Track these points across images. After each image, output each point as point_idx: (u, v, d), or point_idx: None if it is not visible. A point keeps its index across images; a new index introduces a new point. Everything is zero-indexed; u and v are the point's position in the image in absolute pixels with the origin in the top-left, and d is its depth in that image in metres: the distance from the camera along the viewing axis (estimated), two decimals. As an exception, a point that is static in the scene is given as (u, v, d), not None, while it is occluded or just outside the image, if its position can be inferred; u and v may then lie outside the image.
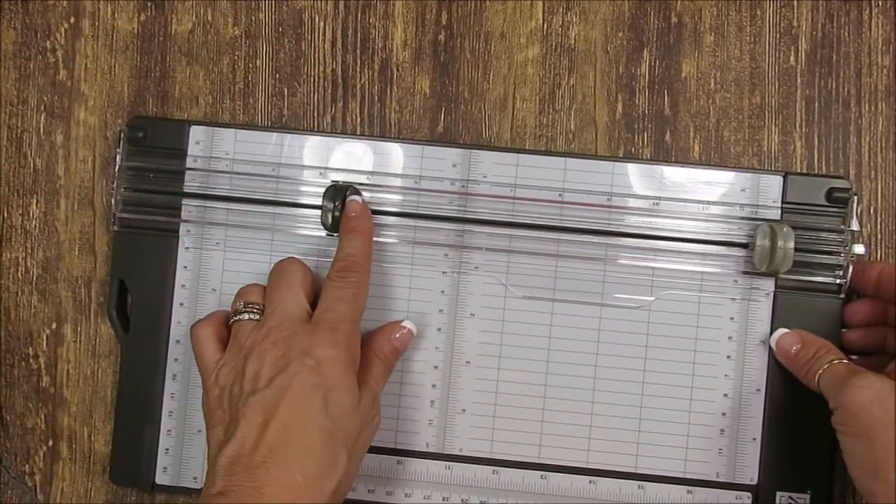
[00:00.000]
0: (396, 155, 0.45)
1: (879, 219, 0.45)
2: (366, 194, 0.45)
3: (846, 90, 0.45)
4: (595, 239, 0.44)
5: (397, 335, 0.43)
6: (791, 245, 0.41)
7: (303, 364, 0.37)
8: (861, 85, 0.45)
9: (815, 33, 0.45)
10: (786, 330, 0.43)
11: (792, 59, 0.45)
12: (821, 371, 0.40)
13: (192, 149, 0.45)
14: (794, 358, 0.42)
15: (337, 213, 0.42)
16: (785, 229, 0.42)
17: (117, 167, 0.45)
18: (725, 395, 0.44)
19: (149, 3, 0.47)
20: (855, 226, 0.43)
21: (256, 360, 0.38)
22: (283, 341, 0.38)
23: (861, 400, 0.37)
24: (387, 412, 0.44)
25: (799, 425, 0.43)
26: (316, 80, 0.46)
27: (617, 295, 0.44)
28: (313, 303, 0.41)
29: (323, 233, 0.44)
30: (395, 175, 0.45)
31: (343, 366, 0.38)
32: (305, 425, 0.36)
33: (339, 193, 0.43)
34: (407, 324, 0.43)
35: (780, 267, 0.42)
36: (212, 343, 0.40)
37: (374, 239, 0.44)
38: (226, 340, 0.41)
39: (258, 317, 0.40)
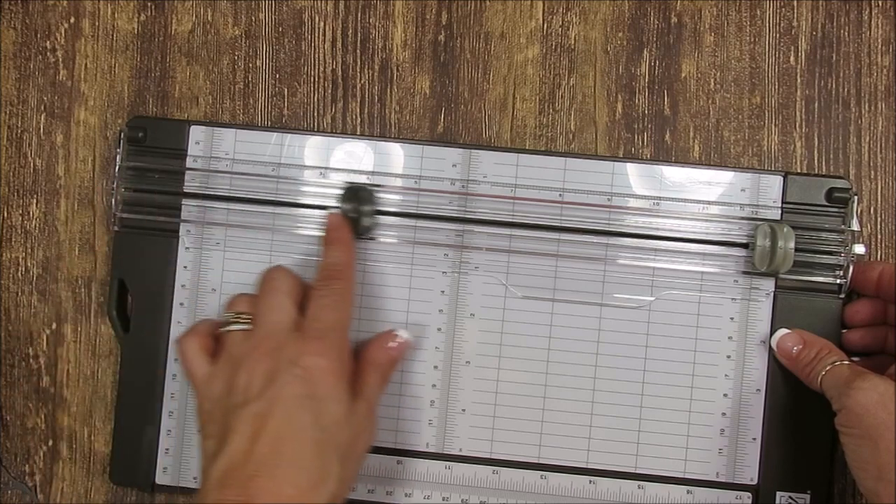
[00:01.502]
0: (396, 155, 0.45)
1: (879, 219, 0.45)
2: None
3: (846, 90, 0.45)
4: (595, 239, 0.44)
5: (392, 344, 0.43)
6: (791, 245, 0.42)
7: (292, 374, 0.37)
8: (861, 85, 0.45)
9: (815, 33, 0.45)
10: (787, 330, 0.43)
11: (792, 59, 0.45)
12: (823, 372, 0.40)
13: (192, 149, 0.45)
14: (795, 358, 0.42)
15: (353, 215, 0.43)
16: (785, 229, 0.42)
17: (117, 167, 0.45)
18: (725, 395, 0.44)
19: (149, 3, 0.47)
20: (855, 226, 0.43)
21: (246, 372, 0.37)
22: (271, 352, 0.38)
23: (865, 402, 0.37)
24: (387, 412, 0.44)
25: (799, 425, 0.43)
26: (316, 80, 0.46)
27: (617, 295, 0.44)
28: (303, 310, 0.40)
29: (322, 233, 0.44)
30: (395, 175, 0.45)
31: (333, 375, 0.38)
32: (296, 437, 0.36)
33: (353, 195, 0.43)
34: (402, 332, 0.43)
35: (780, 267, 0.42)
36: (200, 356, 0.40)
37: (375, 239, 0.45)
38: (213, 351, 0.40)
39: (247, 326, 0.40)
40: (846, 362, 0.40)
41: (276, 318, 0.39)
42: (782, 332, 0.43)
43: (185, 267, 0.45)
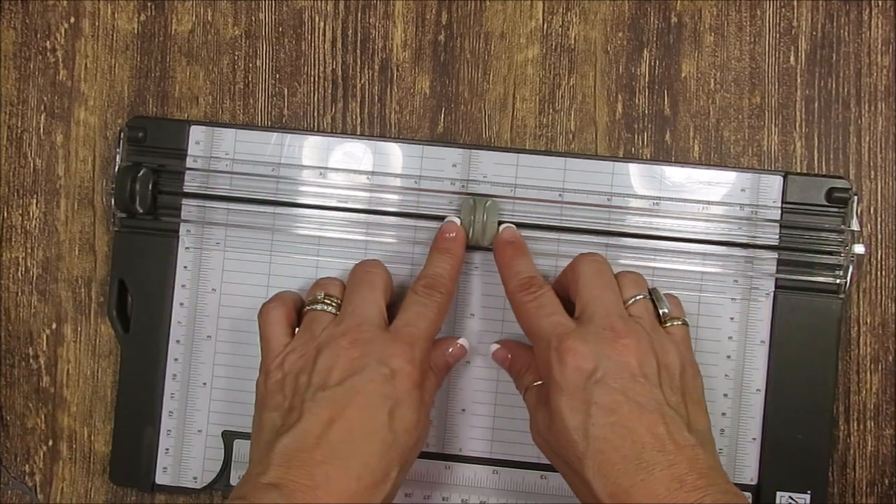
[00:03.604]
0: (396, 155, 0.45)
1: (879, 219, 0.45)
2: (365, 194, 0.45)
3: (846, 90, 0.45)
4: (595, 239, 0.44)
5: (451, 350, 0.43)
6: (492, 219, 0.43)
7: (378, 371, 0.37)
8: (861, 85, 0.45)
9: (815, 33, 0.45)
10: (497, 345, 0.43)
11: (792, 59, 0.45)
12: (524, 391, 0.41)
13: (192, 149, 0.45)
14: (508, 369, 0.43)
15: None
16: (488, 203, 0.43)
17: (117, 167, 0.45)
18: (725, 395, 0.44)
19: (149, 3, 0.47)
20: (855, 226, 0.43)
21: (331, 356, 0.37)
22: (360, 343, 0.37)
23: (534, 438, 0.39)
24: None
25: (799, 425, 0.43)
26: (316, 80, 0.46)
27: (617, 295, 0.44)
28: (389, 309, 0.40)
29: (322, 233, 0.45)
30: (395, 175, 0.45)
31: (414, 383, 0.37)
32: (369, 434, 0.36)
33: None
34: (462, 340, 0.43)
35: (480, 239, 0.43)
36: (282, 326, 0.40)
37: (375, 239, 0.45)
38: (294, 325, 0.40)
39: (335, 311, 0.40)
40: (536, 385, 0.40)
41: (369, 311, 0.39)
42: (494, 346, 0.43)
43: (185, 267, 0.45)
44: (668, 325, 0.39)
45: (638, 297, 0.39)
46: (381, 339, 0.38)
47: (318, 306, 0.40)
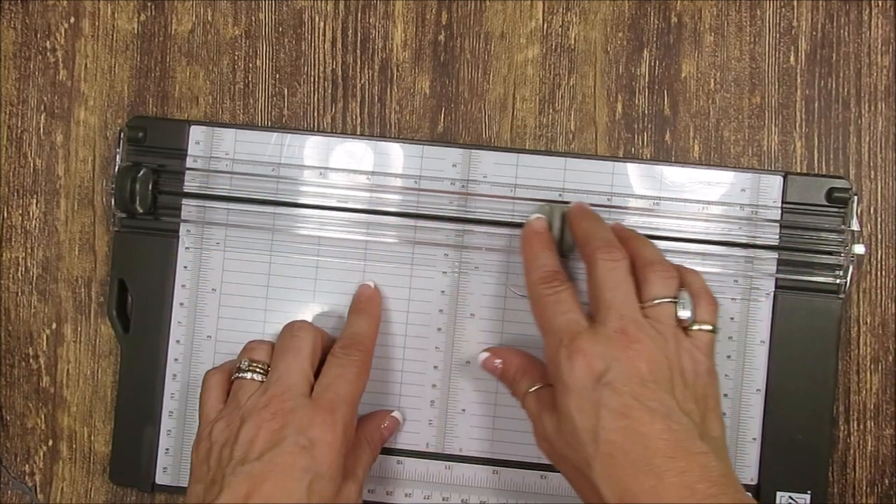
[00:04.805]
0: (396, 155, 0.45)
1: (879, 219, 0.45)
2: (366, 194, 0.45)
3: (846, 90, 0.45)
4: (595, 239, 0.44)
5: (385, 424, 0.43)
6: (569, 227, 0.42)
7: (296, 443, 0.36)
8: (861, 85, 0.45)
9: (815, 33, 0.45)
10: (487, 354, 0.42)
11: (792, 59, 0.45)
12: (523, 397, 0.40)
13: (192, 149, 0.45)
14: (501, 376, 0.42)
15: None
16: (566, 210, 0.42)
17: (117, 167, 0.45)
18: (725, 395, 0.44)
19: (149, 3, 0.47)
20: (855, 226, 0.43)
21: (253, 427, 0.37)
22: (281, 414, 0.37)
23: (539, 443, 0.39)
24: (387, 412, 0.44)
25: (799, 425, 0.43)
26: (316, 80, 0.46)
27: (617, 295, 0.44)
28: (319, 369, 0.40)
29: (322, 233, 0.45)
30: (395, 175, 0.45)
31: (336, 452, 0.37)
32: None
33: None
34: (395, 413, 0.44)
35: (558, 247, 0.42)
36: (217, 392, 0.40)
37: (375, 239, 0.45)
38: (229, 392, 0.40)
39: (262, 377, 0.40)
40: (535, 390, 0.39)
41: (292, 379, 0.39)
42: (483, 354, 0.42)
43: (185, 267, 0.45)
44: (693, 328, 0.38)
45: (659, 301, 0.38)
46: (302, 407, 0.37)
47: (245, 374, 0.40)
